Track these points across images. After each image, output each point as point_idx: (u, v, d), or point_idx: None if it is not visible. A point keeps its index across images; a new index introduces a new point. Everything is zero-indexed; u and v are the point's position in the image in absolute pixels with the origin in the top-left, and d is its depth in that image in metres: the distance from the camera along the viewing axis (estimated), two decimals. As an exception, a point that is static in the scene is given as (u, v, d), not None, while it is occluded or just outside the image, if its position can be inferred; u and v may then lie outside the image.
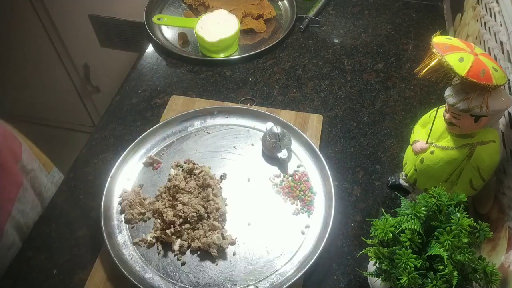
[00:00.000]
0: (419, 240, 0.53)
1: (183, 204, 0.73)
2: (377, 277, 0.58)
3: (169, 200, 0.75)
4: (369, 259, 0.57)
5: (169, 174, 0.80)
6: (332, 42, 1.09)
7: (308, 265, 0.68)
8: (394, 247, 0.54)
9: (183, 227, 0.72)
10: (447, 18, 1.12)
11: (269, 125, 0.81)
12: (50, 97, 1.75)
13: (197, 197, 0.74)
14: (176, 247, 0.71)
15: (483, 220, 0.58)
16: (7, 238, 0.73)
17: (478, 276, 0.54)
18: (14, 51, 1.60)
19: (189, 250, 0.72)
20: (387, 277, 0.55)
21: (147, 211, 0.76)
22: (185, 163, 0.82)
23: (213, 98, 0.95)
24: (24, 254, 0.73)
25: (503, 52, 0.70)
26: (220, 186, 0.78)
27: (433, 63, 0.57)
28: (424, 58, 0.59)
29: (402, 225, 0.54)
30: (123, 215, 0.76)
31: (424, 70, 0.58)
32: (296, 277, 0.67)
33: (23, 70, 1.66)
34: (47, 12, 1.46)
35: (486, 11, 0.82)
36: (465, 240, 0.51)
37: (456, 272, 0.50)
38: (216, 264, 0.70)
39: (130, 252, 0.71)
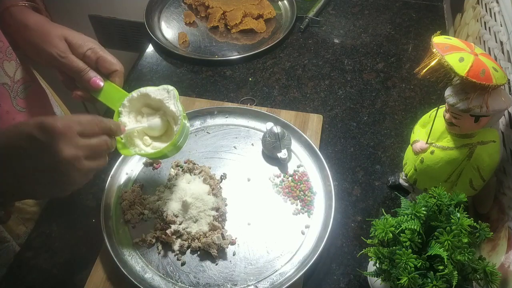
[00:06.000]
0: (419, 240, 0.53)
1: (183, 204, 0.73)
2: (377, 277, 0.58)
3: (169, 200, 0.75)
4: (369, 259, 0.57)
5: (169, 174, 0.80)
6: (332, 42, 1.09)
7: (308, 265, 0.68)
8: (394, 247, 0.54)
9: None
10: (447, 18, 1.12)
11: (269, 125, 0.81)
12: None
13: (197, 197, 0.74)
14: (176, 247, 0.71)
15: (483, 220, 0.58)
16: None
17: (478, 276, 0.54)
18: (14, 51, 1.60)
19: (189, 250, 0.72)
20: (387, 277, 0.55)
21: (147, 211, 0.76)
22: (185, 163, 0.82)
23: (213, 98, 0.95)
24: (24, 254, 0.73)
25: (503, 52, 0.70)
26: (220, 186, 0.78)
27: (433, 63, 0.57)
28: (424, 58, 0.59)
29: (402, 225, 0.54)
30: (123, 215, 0.76)
31: (424, 70, 0.58)
32: (296, 277, 0.67)
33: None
34: (47, 12, 1.46)
35: (486, 11, 0.82)
36: (465, 240, 0.51)
37: (456, 272, 0.51)
38: (216, 264, 0.70)
39: (130, 252, 0.71)
